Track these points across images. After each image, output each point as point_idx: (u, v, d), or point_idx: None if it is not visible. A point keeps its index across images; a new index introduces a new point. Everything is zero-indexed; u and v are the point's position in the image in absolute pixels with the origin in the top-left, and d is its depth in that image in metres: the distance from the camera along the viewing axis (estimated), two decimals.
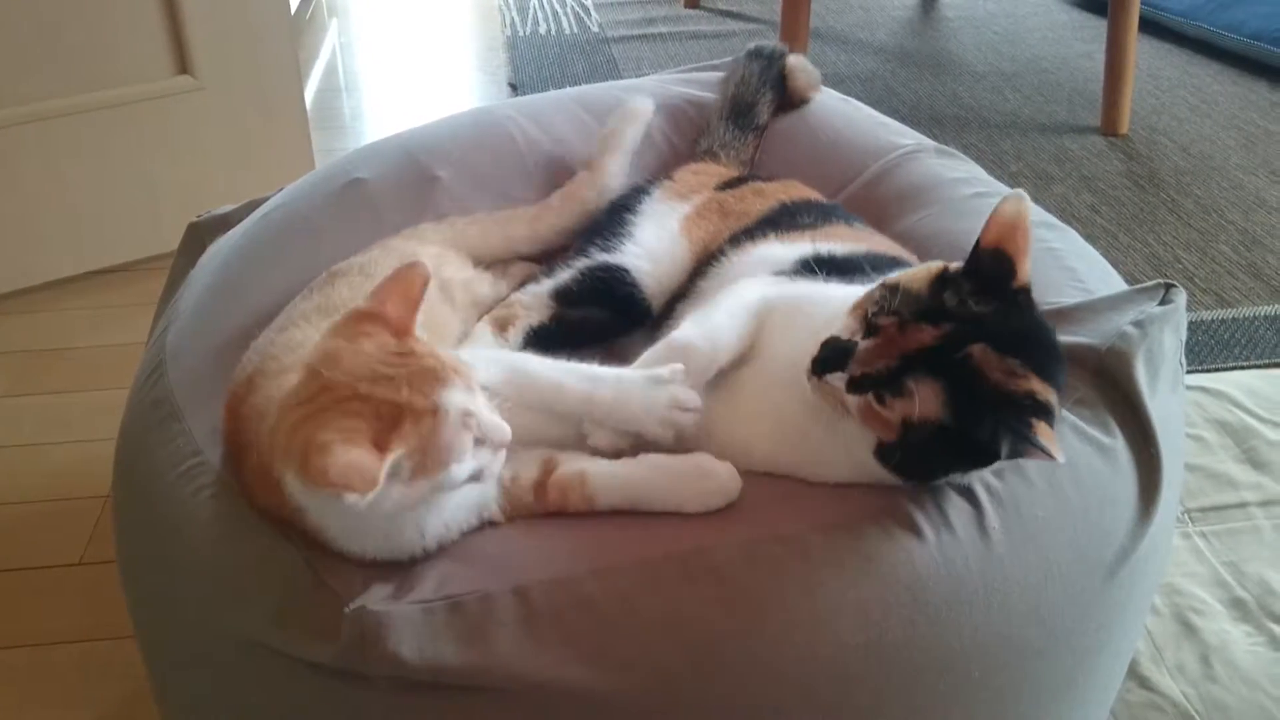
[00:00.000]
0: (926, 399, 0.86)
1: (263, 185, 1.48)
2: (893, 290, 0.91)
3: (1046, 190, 2.38)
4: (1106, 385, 1.02)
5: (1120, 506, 0.98)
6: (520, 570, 0.87)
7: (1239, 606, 1.36)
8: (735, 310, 1.04)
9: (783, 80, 1.53)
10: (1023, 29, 3.33)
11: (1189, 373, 1.14)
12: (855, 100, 1.61)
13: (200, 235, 1.36)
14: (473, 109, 1.54)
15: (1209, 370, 1.81)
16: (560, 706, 0.82)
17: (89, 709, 1.28)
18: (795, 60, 1.55)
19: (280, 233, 1.28)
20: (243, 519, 0.93)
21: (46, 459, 1.67)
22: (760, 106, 1.50)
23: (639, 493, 0.93)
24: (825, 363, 0.91)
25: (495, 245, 1.30)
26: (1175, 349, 1.06)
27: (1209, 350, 1.86)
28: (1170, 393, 1.05)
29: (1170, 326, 1.04)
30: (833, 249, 1.12)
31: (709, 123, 1.49)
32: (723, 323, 1.03)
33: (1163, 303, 1.07)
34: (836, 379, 0.90)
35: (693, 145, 1.49)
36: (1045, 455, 0.83)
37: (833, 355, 0.91)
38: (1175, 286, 1.08)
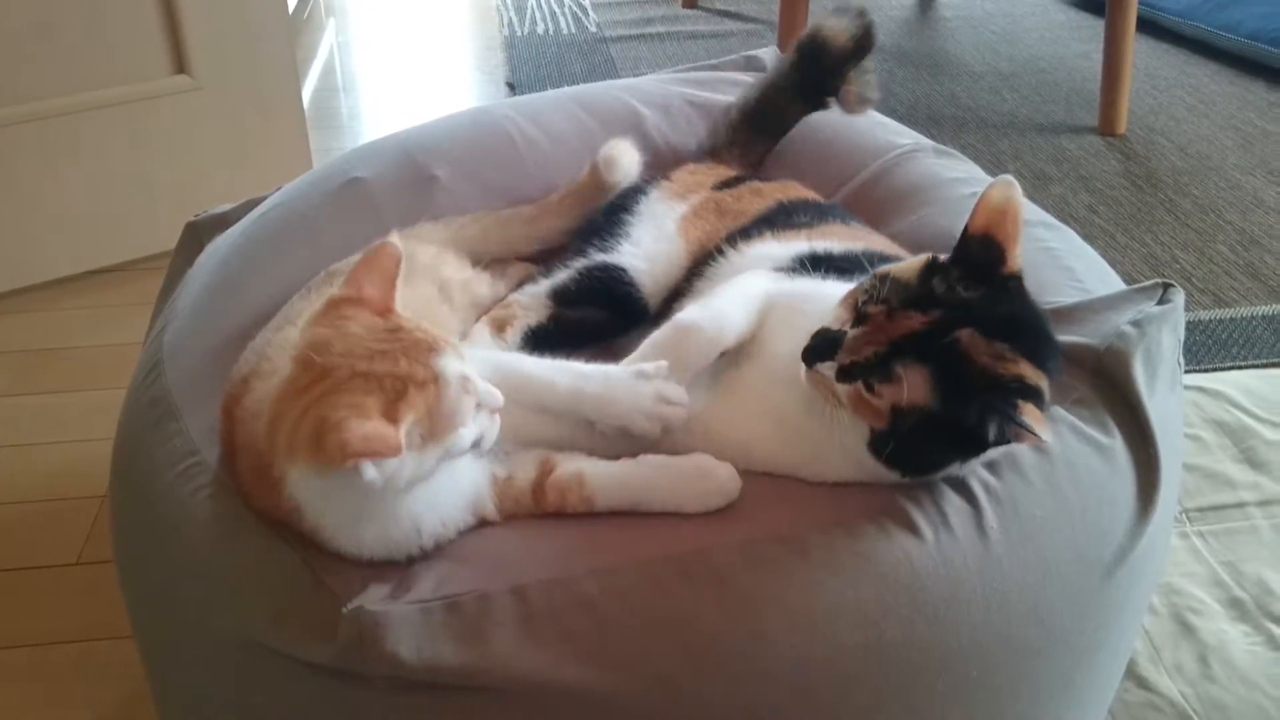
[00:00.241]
0: (914, 384, 0.87)
1: (260, 185, 1.48)
2: (883, 280, 0.92)
3: (1044, 190, 2.38)
4: (1105, 385, 1.02)
5: (1118, 506, 0.98)
6: (518, 570, 0.86)
7: (1237, 606, 1.36)
8: (739, 296, 1.04)
9: (825, 98, 1.41)
10: (1020, 29, 3.33)
11: (1186, 373, 1.14)
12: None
13: (198, 234, 1.36)
14: (471, 109, 1.54)
15: (1207, 370, 1.81)
16: (559, 706, 0.82)
17: (87, 709, 1.28)
18: (858, 92, 1.40)
19: (278, 232, 1.28)
20: (241, 519, 0.93)
21: (44, 459, 1.67)
22: (789, 116, 1.45)
23: (638, 493, 0.93)
24: (815, 352, 0.92)
25: (494, 245, 1.29)
26: (1173, 349, 1.06)
27: (1207, 350, 1.87)
28: (1168, 392, 1.05)
29: (1168, 326, 1.04)
30: (830, 247, 1.13)
31: (729, 117, 1.45)
32: (728, 307, 1.03)
33: (1161, 302, 1.07)
34: (827, 368, 0.91)
35: (692, 144, 1.48)
36: (1032, 435, 0.83)
37: (823, 344, 0.92)
38: (1173, 286, 1.08)
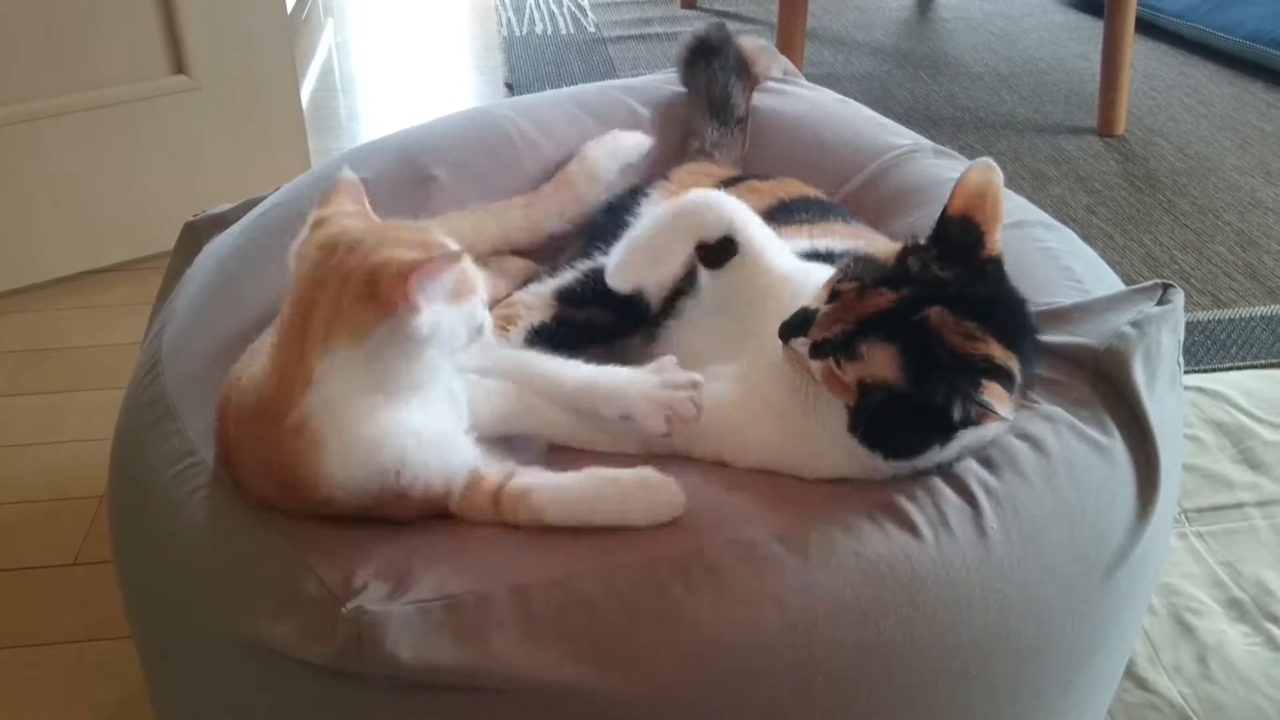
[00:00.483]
0: (880, 362, 0.87)
1: (259, 185, 1.48)
2: (860, 260, 0.93)
3: (1043, 191, 2.38)
4: (1104, 385, 1.02)
5: (1118, 506, 0.98)
6: (518, 570, 0.86)
7: (1236, 607, 1.36)
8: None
9: (746, 66, 1.53)
10: (1019, 30, 3.33)
11: (1185, 373, 1.14)
12: (852, 100, 1.60)
13: (196, 234, 1.36)
14: (470, 109, 1.54)
15: (1205, 371, 1.81)
16: (558, 707, 0.82)
17: (85, 710, 1.28)
18: (751, 44, 1.56)
19: (277, 232, 1.28)
20: (239, 519, 0.93)
21: (42, 459, 1.66)
22: (736, 98, 1.50)
23: (585, 506, 0.91)
24: (790, 328, 0.93)
25: (492, 235, 1.29)
26: (1173, 349, 1.06)
27: (1205, 351, 1.87)
28: (1168, 393, 1.05)
29: (1168, 327, 1.04)
30: (830, 245, 1.13)
31: (693, 125, 1.49)
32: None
33: (1160, 303, 1.07)
34: (800, 344, 0.92)
35: (691, 144, 1.48)
36: (992, 414, 0.83)
37: (797, 321, 0.93)
38: (1173, 287, 1.08)
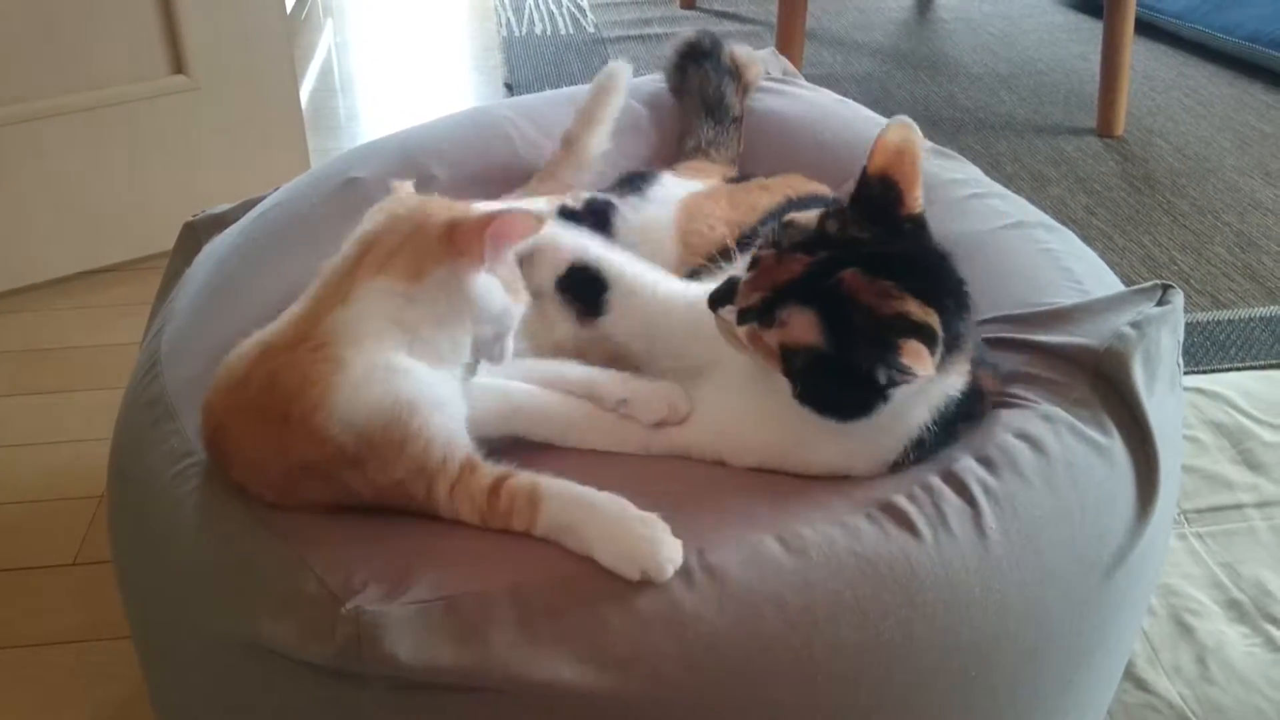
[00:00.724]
0: (798, 327, 0.88)
1: (258, 185, 1.48)
2: (784, 225, 0.93)
3: (1042, 192, 2.38)
4: (1104, 386, 1.02)
5: (1117, 506, 0.98)
6: (517, 570, 0.86)
7: (1235, 608, 1.36)
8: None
9: (738, 70, 1.54)
10: (1018, 31, 3.33)
11: (1184, 374, 1.14)
12: (852, 101, 1.61)
13: (195, 235, 1.36)
14: (469, 109, 1.54)
15: (1205, 372, 1.81)
16: (557, 707, 0.82)
17: (85, 710, 1.28)
18: (745, 51, 1.56)
19: (276, 232, 1.28)
20: (239, 519, 0.93)
21: (41, 459, 1.66)
22: (729, 98, 1.50)
23: (583, 516, 0.88)
24: (717, 297, 0.94)
25: None
26: (1173, 350, 1.06)
27: (1204, 352, 1.87)
28: (1168, 393, 1.05)
29: (1168, 327, 1.04)
30: None
31: (689, 124, 1.50)
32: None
33: (1160, 304, 1.07)
34: (728, 313, 0.92)
35: (690, 144, 1.49)
36: (909, 373, 0.83)
37: (724, 290, 0.94)
38: (1172, 287, 1.08)
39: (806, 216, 0.94)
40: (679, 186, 1.30)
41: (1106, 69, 2.62)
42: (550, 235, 1.10)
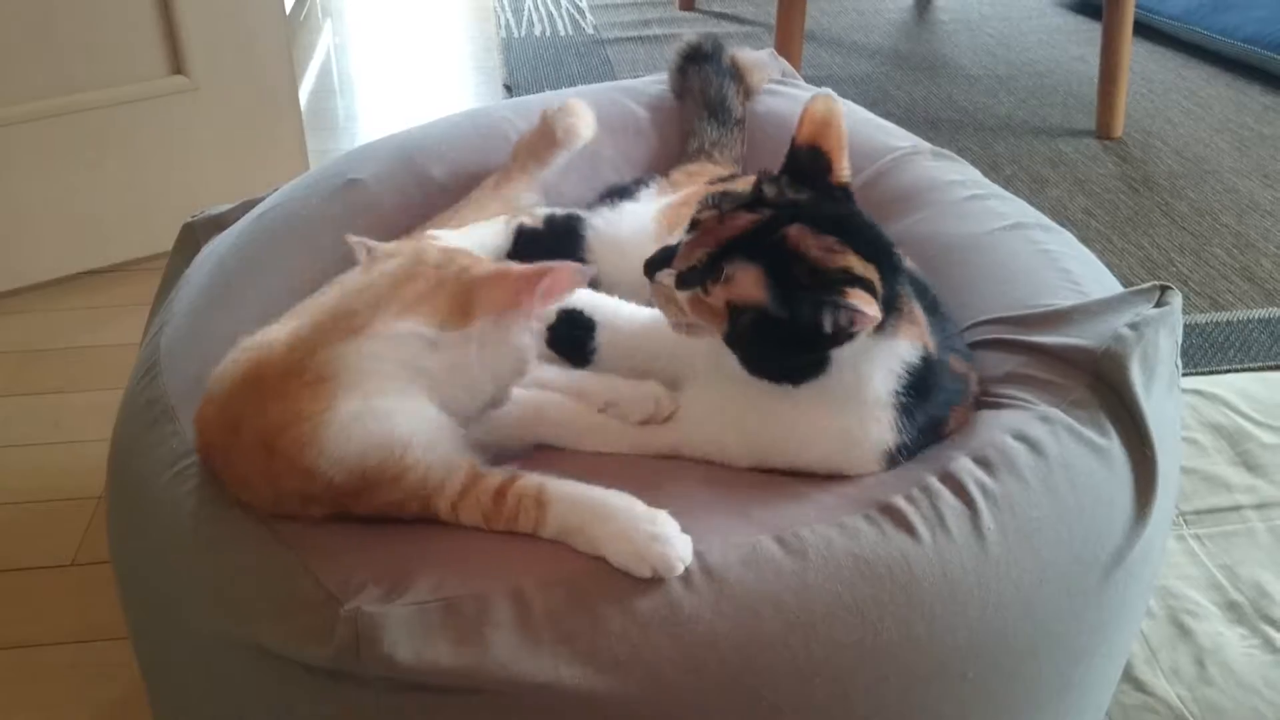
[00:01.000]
0: (745, 282, 0.89)
1: (257, 186, 1.48)
2: (719, 194, 0.95)
3: (1041, 193, 2.39)
4: (1102, 387, 1.02)
5: (1116, 507, 0.98)
6: (515, 571, 0.86)
7: (1234, 609, 1.36)
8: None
9: (741, 73, 1.54)
10: (1017, 32, 3.33)
11: (1183, 376, 1.14)
12: (851, 102, 1.60)
13: (195, 235, 1.36)
14: (468, 110, 1.54)
15: (1203, 373, 1.81)
16: (556, 708, 0.82)
17: (83, 711, 1.28)
18: (747, 55, 1.57)
19: (275, 233, 1.28)
20: (238, 520, 0.93)
21: (40, 459, 1.66)
22: (731, 100, 1.50)
23: (591, 517, 0.88)
24: (654, 263, 0.95)
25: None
26: (1171, 351, 1.06)
27: (1203, 353, 1.87)
28: (1166, 394, 1.05)
29: (1166, 328, 1.04)
30: None
31: (692, 125, 1.50)
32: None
33: (1158, 305, 1.07)
34: (666, 277, 0.93)
35: (682, 145, 1.49)
36: (860, 314, 0.85)
37: (661, 256, 0.95)
38: (1171, 289, 1.08)
39: (742, 187, 0.96)
40: (659, 199, 1.30)
41: (1105, 71, 2.62)
42: None
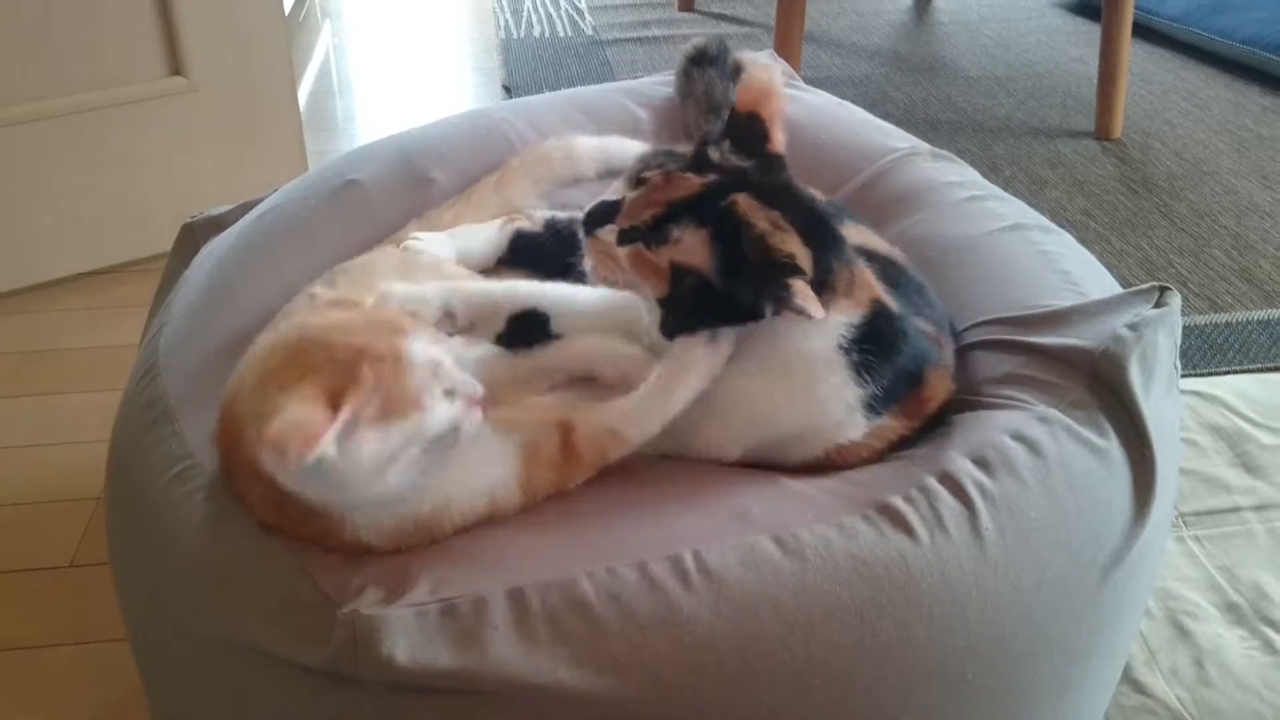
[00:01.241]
0: (692, 245, 0.89)
1: (256, 187, 1.48)
2: (657, 153, 0.97)
3: (1040, 194, 2.39)
4: (1101, 388, 1.02)
5: (1114, 508, 0.98)
6: (514, 572, 0.86)
7: (1233, 611, 1.36)
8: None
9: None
10: (1016, 33, 3.34)
11: (1182, 377, 1.14)
12: (850, 103, 1.61)
13: (194, 236, 1.36)
14: (467, 111, 1.54)
15: (1202, 375, 1.81)
16: (555, 709, 0.82)
17: (80, 713, 1.28)
18: (751, 59, 1.55)
19: (274, 234, 1.28)
20: (236, 522, 0.92)
21: (38, 460, 1.66)
22: (734, 100, 1.50)
23: (661, 405, 0.92)
24: (594, 217, 0.95)
25: (470, 222, 1.29)
26: (1170, 352, 1.06)
27: (1202, 354, 1.87)
28: (1165, 395, 1.05)
29: (1165, 329, 1.04)
30: None
31: (694, 126, 1.49)
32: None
33: (1157, 306, 1.07)
34: (607, 233, 0.94)
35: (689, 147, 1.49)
36: (804, 314, 0.86)
37: (600, 211, 0.95)
38: (1170, 290, 1.08)
39: (685, 149, 0.97)
40: None
41: (1104, 72, 2.62)
42: (480, 292, 1.08)
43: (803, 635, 0.85)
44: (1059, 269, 1.19)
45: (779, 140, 0.97)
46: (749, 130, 0.97)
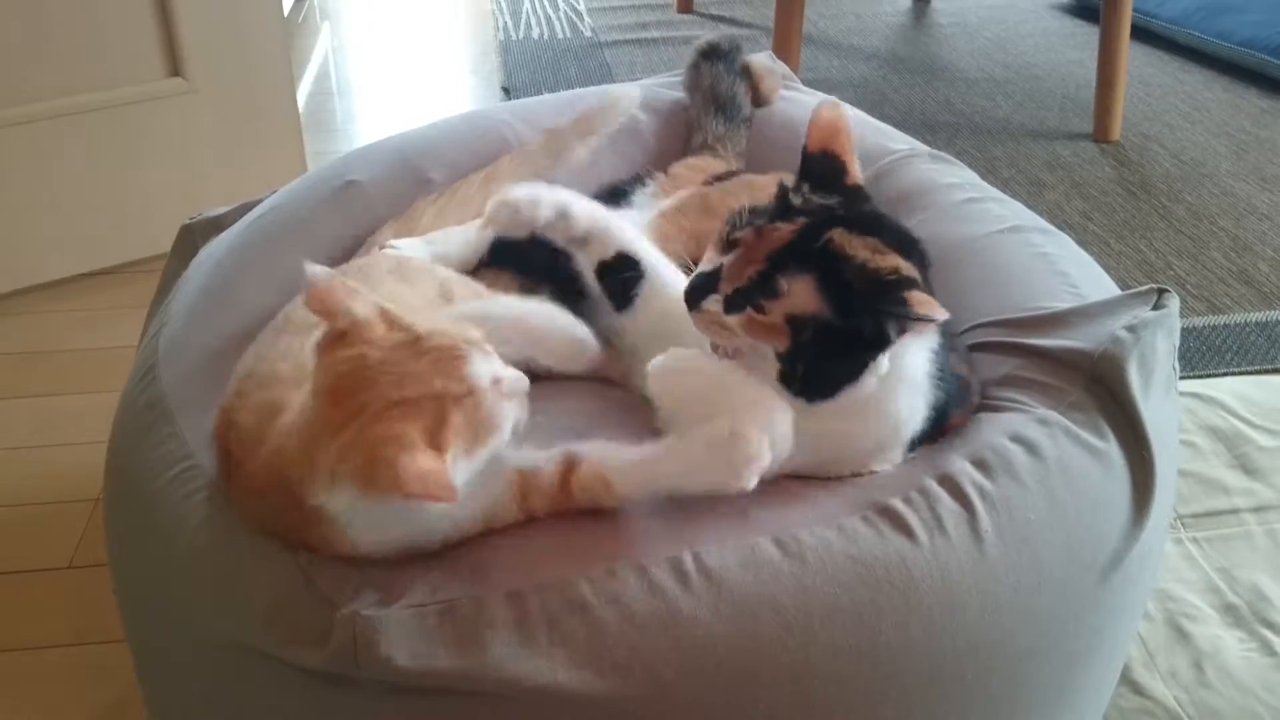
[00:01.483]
0: (802, 293, 0.88)
1: (255, 188, 1.48)
2: (742, 211, 0.94)
3: (1039, 196, 2.39)
4: (1099, 389, 1.02)
5: (1113, 510, 0.98)
6: (514, 574, 0.86)
7: (1231, 612, 1.36)
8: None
9: (752, 78, 1.55)
10: (1015, 35, 3.34)
11: (1180, 379, 1.14)
12: (849, 105, 1.60)
13: (192, 237, 1.36)
14: (466, 112, 1.54)
15: (1201, 376, 1.81)
16: (554, 711, 0.82)
17: (79, 713, 1.28)
18: (759, 61, 1.57)
19: (273, 235, 1.28)
20: (235, 524, 0.93)
21: (37, 461, 1.66)
22: (740, 97, 1.51)
23: (663, 479, 0.90)
24: (697, 291, 0.93)
25: (454, 221, 1.28)
26: (1168, 354, 1.06)
27: (1201, 356, 1.87)
28: (1164, 397, 1.05)
29: (1163, 331, 1.04)
30: None
31: (698, 120, 1.50)
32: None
33: (1155, 308, 1.07)
34: (712, 303, 0.92)
35: (684, 144, 1.49)
36: (928, 321, 0.86)
37: (703, 282, 0.93)
38: (1168, 291, 1.08)
39: (756, 201, 0.96)
40: (654, 204, 1.30)
41: (1103, 74, 2.62)
42: (603, 220, 1.09)
43: (802, 637, 0.85)
44: (1057, 271, 1.19)
45: (856, 173, 0.96)
46: (825, 167, 0.96)
